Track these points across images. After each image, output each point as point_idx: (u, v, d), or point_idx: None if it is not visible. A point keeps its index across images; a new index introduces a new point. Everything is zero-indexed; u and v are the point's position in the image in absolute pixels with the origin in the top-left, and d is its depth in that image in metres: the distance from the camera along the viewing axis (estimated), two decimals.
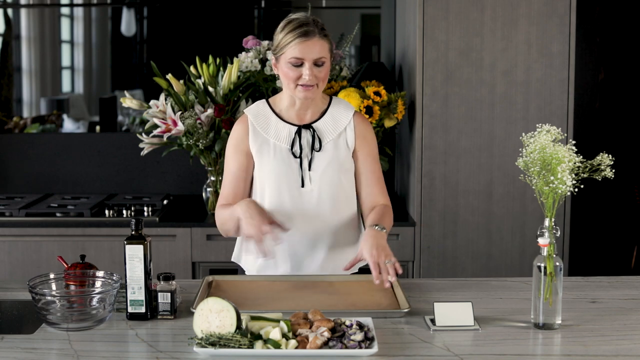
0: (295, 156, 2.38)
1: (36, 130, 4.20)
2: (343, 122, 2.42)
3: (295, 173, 2.38)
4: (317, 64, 2.29)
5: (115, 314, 2.10)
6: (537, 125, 2.05)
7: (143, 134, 3.54)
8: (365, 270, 2.49)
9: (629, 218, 4.52)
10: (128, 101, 3.52)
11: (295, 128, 2.40)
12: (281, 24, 2.34)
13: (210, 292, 2.26)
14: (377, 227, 2.28)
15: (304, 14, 2.36)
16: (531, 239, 3.39)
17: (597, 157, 1.99)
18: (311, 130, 2.40)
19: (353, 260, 2.28)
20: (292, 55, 2.28)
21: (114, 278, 2.10)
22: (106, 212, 3.55)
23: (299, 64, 2.29)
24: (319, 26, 2.31)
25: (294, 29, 2.28)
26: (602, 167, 1.98)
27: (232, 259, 2.55)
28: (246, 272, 2.51)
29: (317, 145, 2.39)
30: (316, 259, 2.42)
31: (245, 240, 2.38)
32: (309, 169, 2.38)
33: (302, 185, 2.38)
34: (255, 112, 2.44)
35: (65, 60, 4.27)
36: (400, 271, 2.18)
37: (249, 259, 2.48)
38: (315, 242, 2.41)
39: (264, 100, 2.47)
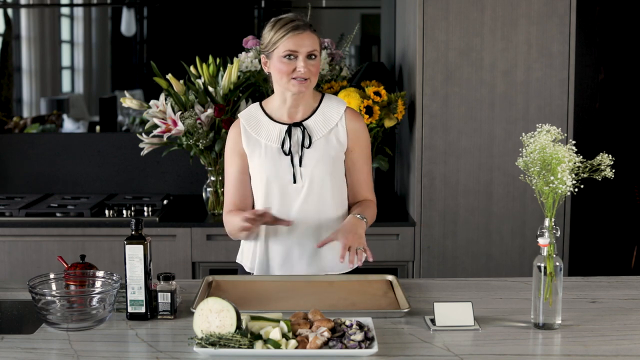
0: (285, 154, 2.40)
1: (36, 130, 4.20)
2: (334, 119, 2.44)
3: (286, 170, 2.40)
4: (309, 57, 2.34)
5: (115, 314, 2.10)
6: (537, 125, 2.05)
7: (143, 134, 3.54)
8: (365, 270, 2.49)
9: (629, 218, 4.52)
10: (128, 101, 3.52)
11: (286, 127, 2.42)
12: (269, 24, 2.41)
13: (210, 292, 2.26)
14: (358, 216, 2.37)
15: (291, 14, 2.42)
16: (531, 239, 3.39)
17: (597, 157, 1.99)
18: (301, 127, 2.41)
19: (326, 239, 2.33)
20: (287, 49, 2.33)
21: (114, 278, 2.10)
22: (106, 212, 3.55)
23: (293, 56, 2.33)
24: (307, 23, 2.38)
25: (285, 24, 2.35)
26: (602, 167, 1.98)
27: (237, 260, 2.56)
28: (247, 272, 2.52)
29: (306, 142, 2.41)
30: (307, 253, 2.43)
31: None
32: (300, 165, 2.40)
33: (294, 182, 2.40)
34: (247, 115, 2.48)
35: (65, 60, 4.27)
36: (370, 259, 2.27)
37: (249, 258, 2.50)
38: (307, 237, 2.43)
39: (257, 103, 2.51)
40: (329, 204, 2.43)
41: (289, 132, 2.41)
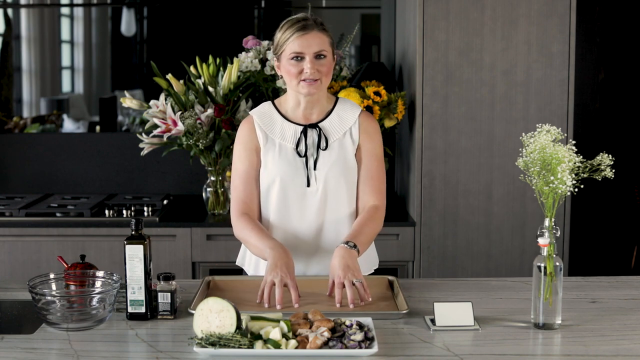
0: (300, 155, 2.38)
1: (36, 130, 4.20)
2: (349, 121, 2.41)
3: (300, 172, 2.37)
4: (318, 57, 2.30)
5: (115, 314, 2.10)
6: (537, 125, 2.05)
7: (143, 134, 3.54)
8: (365, 271, 2.48)
9: (629, 218, 4.52)
10: (128, 101, 3.52)
11: (301, 128, 2.39)
12: (280, 25, 2.36)
13: (209, 293, 2.25)
14: (347, 245, 2.25)
15: (303, 13, 2.37)
16: (531, 239, 3.39)
17: (597, 157, 1.99)
18: (317, 129, 2.39)
19: (330, 286, 2.21)
20: (292, 50, 2.29)
21: (114, 278, 2.10)
22: (106, 212, 3.55)
23: (299, 58, 2.29)
24: (317, 22, 2.33)
25: (292, 25, 2.31)
26: (602, 167, 1.98)
27: (237, 263, 2.55)
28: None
29: (323, 144, 2.38)
30: (320, 257, 2.41)
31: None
32: (314, 168, 2.38)
33: (308, 185, 2.38)
34: (260, 113, 2.43)
35: (65, 60, 4.28)
36: (368, 297, 2.13)
37: (252, 263, 2.48)
38: (319, 240, 2.41)
39: (269, 102, 2.46)
40: (342, 208, 2.41)
41: (304, 133, 2.38)
